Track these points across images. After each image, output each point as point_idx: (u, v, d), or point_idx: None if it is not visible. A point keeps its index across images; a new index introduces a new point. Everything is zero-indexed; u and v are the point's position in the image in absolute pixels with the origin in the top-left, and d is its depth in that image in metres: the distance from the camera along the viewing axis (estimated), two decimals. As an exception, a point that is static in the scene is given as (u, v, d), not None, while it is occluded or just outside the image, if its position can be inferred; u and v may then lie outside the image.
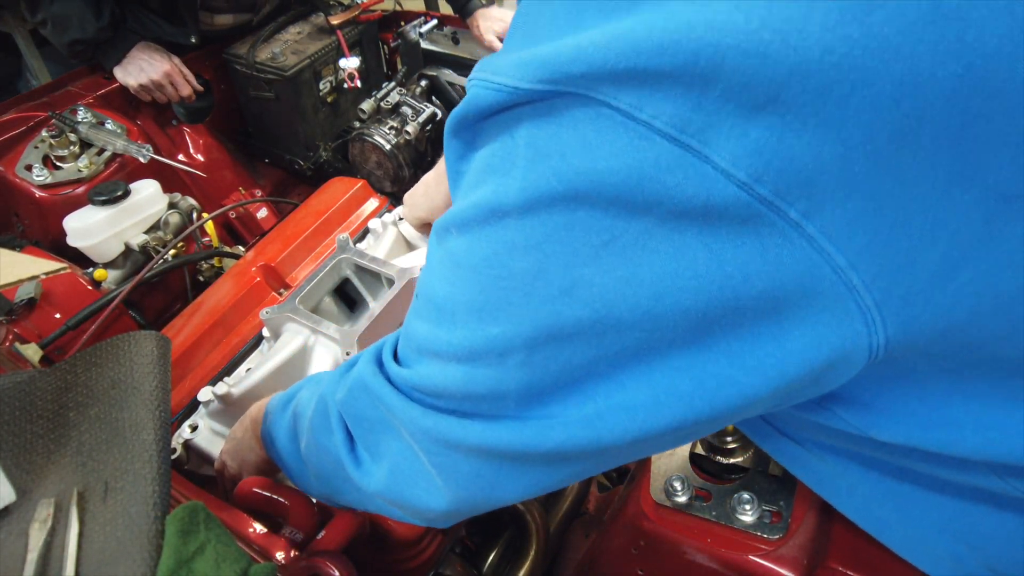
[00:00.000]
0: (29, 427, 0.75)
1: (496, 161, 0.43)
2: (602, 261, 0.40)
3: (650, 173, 0.37)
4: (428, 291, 0.50)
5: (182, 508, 0.64)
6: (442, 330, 0.48)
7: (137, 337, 0.82)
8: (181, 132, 1.73)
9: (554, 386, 0.45)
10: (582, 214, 0.39)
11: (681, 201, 0.37)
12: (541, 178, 0.40)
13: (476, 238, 0.44)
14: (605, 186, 0.38)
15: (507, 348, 0.44)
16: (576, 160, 0.38)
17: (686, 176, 0.36)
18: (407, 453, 0.56)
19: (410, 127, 1.60)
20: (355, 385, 0.59)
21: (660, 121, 0.36)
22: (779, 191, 0.35)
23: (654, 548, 0.81)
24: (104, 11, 1.47)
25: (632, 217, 0.38)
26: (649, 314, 0.40)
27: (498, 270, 0.43)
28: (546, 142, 0.39)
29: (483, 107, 0.42)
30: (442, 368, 0.49)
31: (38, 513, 0.67)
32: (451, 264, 0.47)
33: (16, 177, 1.38)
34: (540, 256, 0.41)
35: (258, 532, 0.74)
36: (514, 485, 0.52)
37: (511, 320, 0.44)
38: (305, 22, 1.75)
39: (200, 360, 1.09)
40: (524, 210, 0.41)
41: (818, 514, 0.76)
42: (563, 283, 0.41)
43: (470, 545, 1.04)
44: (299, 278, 1.22)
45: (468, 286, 0.46)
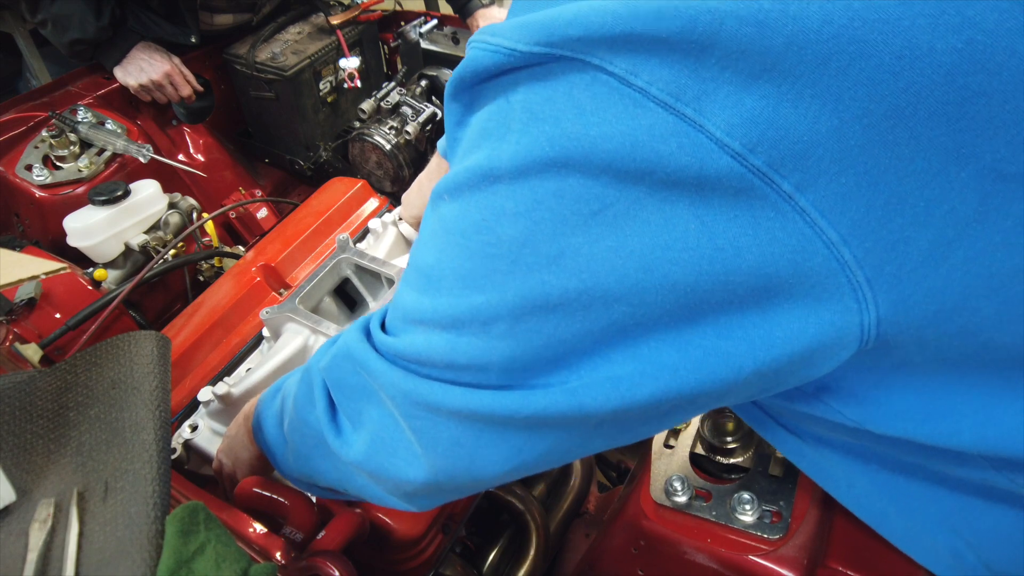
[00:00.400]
0: (29, 427, 0.75)
1: (491, 125, 0.42)
2: (591, 230, 0.39)
3: (644, 141, 0.36)
4: (417, 259, 0.49)
5: (182, 508, 0.63)
6: (427, 297, 0.47)
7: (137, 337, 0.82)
8: (181, 132, 1.73)
9: (538, 359, 0.44)
10: (573, 181, 0.39)
11: (674, 171, 0.36)
12: (534, 142, 0.39)
13: (467, 203, 0.44)
14: (597, 152, 0.37)
15: (491, 317, 0.44)
16: (570, 125, 0.38)
17: (680, 145, 0.36)
18: (387, 420, 0.55)
19: (410, 127, 1.60)
20: (339, 352, 0.59)
21: (656, 88, 0.36)
22: (773, 162, 0.35)
23: (654, 548, 0.81)
24: (104, 11, 1.47)
25: (624, 186, 0.38)
26: (637, 286, 0.40)
27: (486, 236, 0.43)
28: (541, 106, 0.39)
29: (480, 69, 0.42)
30: (426, 336, 0.48)
31: (38, 513, 0.67)
32: (441, 231, 0.46)
33: (16, 177, 1.38)
34: (529, 223, 0.41)
35: (258, 532, 0.74)
36: (494, 455, 0.50)
37: (496, 288, 0.43)
38: (305, 22, 1.75)
39: (200, 360, 1.09)
40: (516, 175, 0.40)
41: (818, 514, 0.76)
42: (551, 252, 0.41)
43: (470, 545, 1.04)
44: (299, 278, 1.22)
45: (456, 253, 0.45)
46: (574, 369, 0.44)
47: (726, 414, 0.82)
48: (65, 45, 1.49)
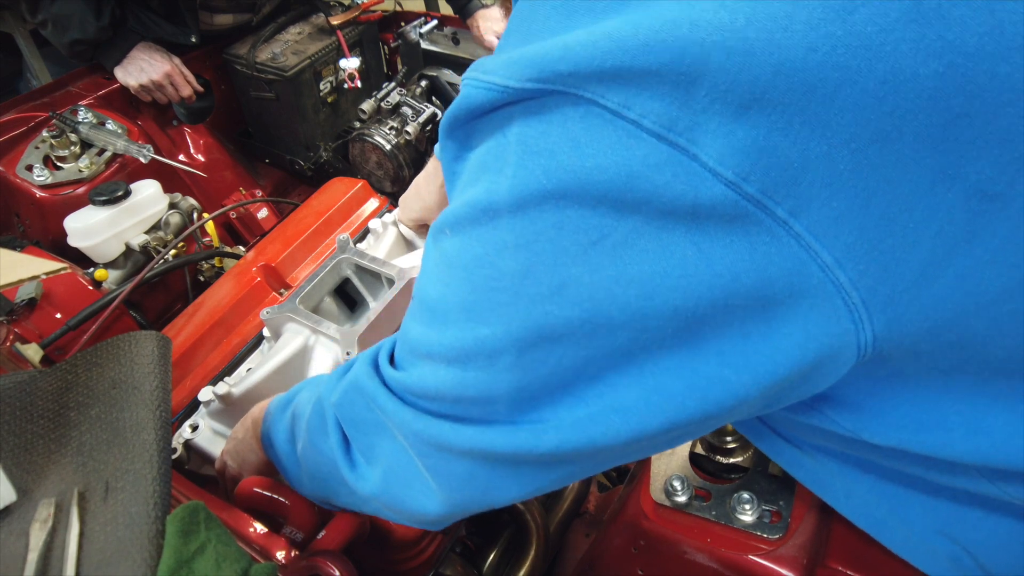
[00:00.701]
0: (30, 427, 0.75)
1: (489, 159, 0.43)
2: (591, 260, 0.40)
3: (639, 171, 0.37)
4: (422, 293, 0.50)
5: (182, 508, 0.64)
6: (434, 331, 0.48)
7: (138, 337, 0.82)
8: (182, 132, 1.73)
9: (544, 389, 0.45)
10: (571, 213, 0.39)
11: (670, 199, 0.37)
12: (531, 176, 0.40)
13: (468, 238, 0.44)
14: (594, 184, 0.38)
15: (497, 349, 0.44)
16: (565, 158, 0.38)
17: (675, 175, 0.36)
18: (401, 456, 0.56)
19: (410, 127, 1.60)
20: (350, 387, 0.59)
21: (648, 120, 0.36)
22: (766, 189, 0.35)
23: (654, 548, 0.81)
24: (104, 11, 1.47)
25: (621, 216, 0.38)
26: (639, 313, 0.40)
27: (488, 270, 0.43)
28: (536, 140, 0.40)
29: (474, 106, 0.43)
30: (434, 370, 0.49)
31: (38, 513, 0.67)
32: (444, 265, 0.47)
33: (17, 177, 1.38)
34: (529, 255, 0.41)
35: (258, 532, 0.74)
36: (509, 486, 0.51)
37: (501, 321, 0.44)
38: (305, 22, 1.75)
39: (201, 360, 1.09)
40: (514, 209, 0.41)
41: (818, 514, 0.76)
42: (552, 283, 0.41)
43: (470, 545, 1.05)
44: (299, 278, 1.22)
45: (459, 286, 0.46)
46: (580, 397, 0.45)
47: (726, 414, 0.82)
48: (65, 45, 1.49)
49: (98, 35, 1.48)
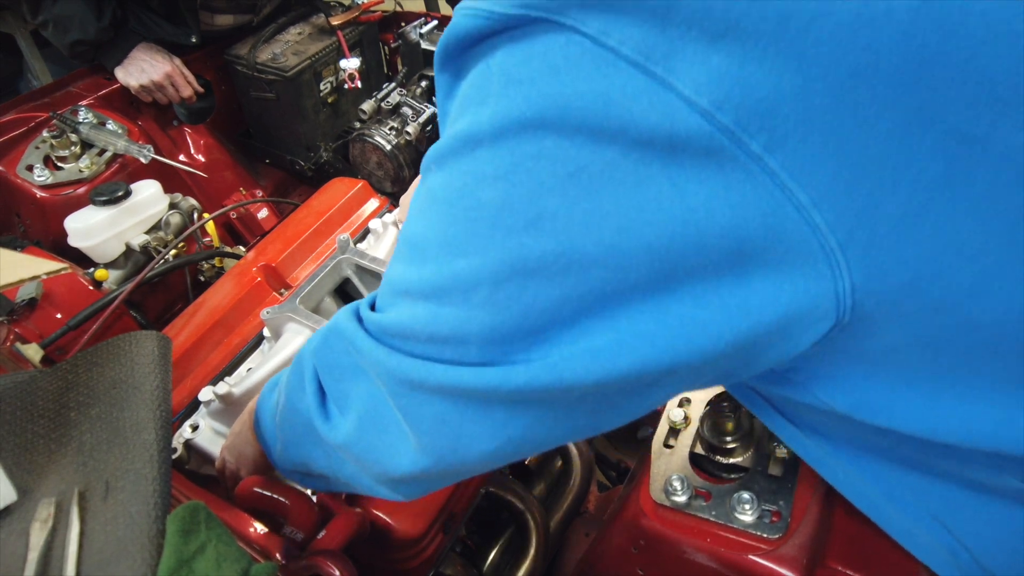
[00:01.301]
0: (30, 427, 0.75)
1: (473, 91, 0.43)
2: (568, 192, 0.40)
3: (616, 99, 0.37)
4: (406, 232, 0.50)
5: (183, 508, 0.64)
6: (413, 268, 0.48)
7: (138, 337, 0.82)
8: (182, 133, 1.73)
9: (517, 330, 0.44)
10: (549, 143, 0.39)
11: (646, 130, 0.37)
12: (511, 104, 0.40)
13: (451, 171, 0.45)
14: (572, 112, 0.38)
15: (472, 283, 0.44)
16: (545, 85, 0.39)
17: (651, 104, 0.36)
18: (376, 401, 0.55)
19: (410, 128, 1.60)
20: (329, 333, 0.59)
21: (627, 47, 0.36)
22: (740, 121, 0.35)
23: (654, 548, 0.81)
24: (105, 12, 1.47)
25: (598, 147, 0.38)
26: (613, 249, 0.40)
27: (467, 201, 0.43)
28: (518, 68, 0.40)
29: (462, 35, 0.43)
30: (411, 308, 0.49)
31: (39, 513, 0.67)
32: (428, 201, 0.47)
33: (17, 177, 1.38)
34: (507, 186, 0.41)
35: (258, 532, 0.74)
36: (479, 432, 0.50)
37: (477, 253, 0.44)
38: (306, 23, 1.75)
39: (201, 360, 1.09)
40: (494, 138, 0.41)
41: (818, 514, 0.76)
42: (528, 214, 0.41)
43: (470, 545, 1.05)
44: (300, 278, 1.22)
45: (440, 220, 0.46)
46: (554, 343, 0.44)
47: (726, 414, 0.82)
48: (66, 46, 1.49)
49: (99, 36, 1.48)
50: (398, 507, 0.83)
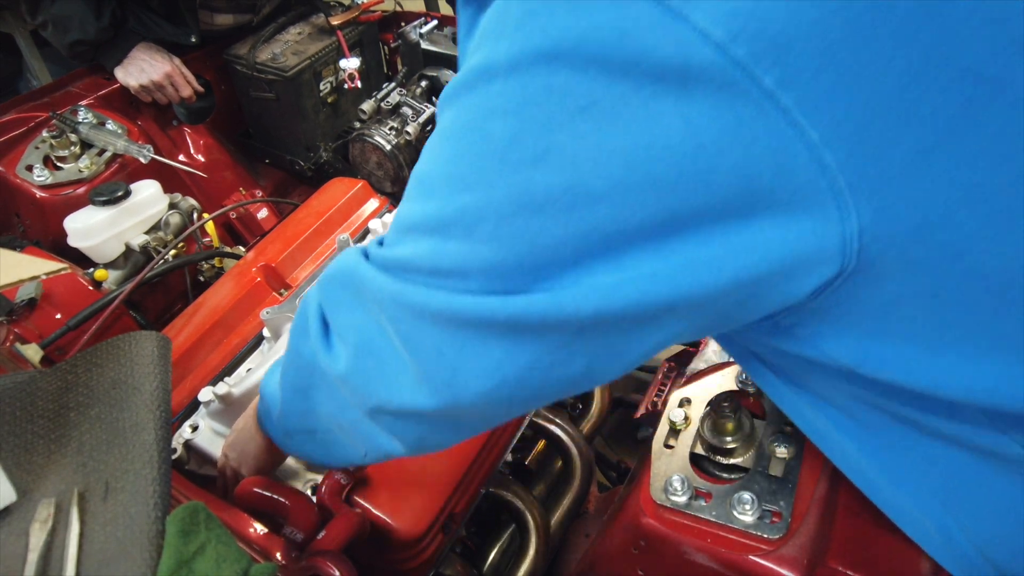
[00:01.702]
0: (30, 427, 0.75)
1: (492, 24, 0.43)
2: (578, 126, 0.39)
3: (631, 31, 0.37)
4: (416, 171, 0.50)
5: (183, 508, 0.64)
6: (419, 203, 0.48)
7: (138, 337, 0.82)
8: (182, 133, 1.73)
9: (520, 266, 0.44)
10: (562, 76, 0.39)
11: (659, 62, 0.36)
12: (528, 36, 0.40)
13: (463, 105, 0.44)
14: (587, 43, 0.37)
15: (477, 217, 0.44)
16: (561, 17, 0.38)
17: (665, 35, 0.36)
18: (378, 327, 0.55)
19: (410, 127, 1.60)
20: (335, 270, 0.59)
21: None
22: (755, 54, 0.35)
23: (654, 548, 0.81)
24: (105, 12, 1.47)
25: (611, 81, 0.38)
26: (620, 185, 0.40)
27: (476, 134, 0.43)
28: (536, 2, 0.39)
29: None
30: (415, 242, 0.49)
31: (39, 513, 0.67)
32: (439, 137, 0.47)
33: (17, 177, 1.38)
34: (517, 120, 0.41)
35: (258, 532, 0.74)
36: (476, 366, 0.49)
37: (483, 187, 0.43)
38: (306, 23, 1.75)
39: (201, 360, 1.09)
40: (509, 71, 0.41)
41: (818, 514, 0.76)
42: (537, 149, 0.41)
43: (470, 545, 1.05)
44: (300, 278, 1.22)
45: (448, 155, 0.46)
46: (556, 280, 0.44)
47: (726, 414, 0.82)
48: (66, 46, 1.49)
49: (99, 36, 1.48)
50: (398, 508, 0.83)
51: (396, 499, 0.83)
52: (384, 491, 0.84)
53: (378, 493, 0.84)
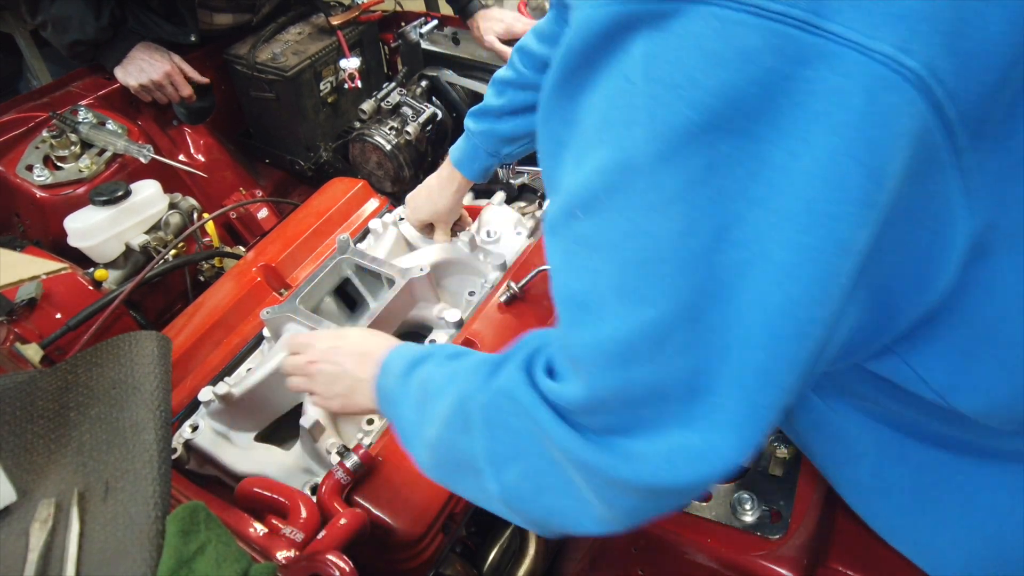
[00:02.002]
0: (30, 427, 0.75)
1: (614, 112, 0.37)
2: (750, 192, 0.35)
3: (788, 71, 0.32)
4: (566, 291, 0.44)
5: (183, 508, 0.64)
6: (587, 330, 0.42)
7: (138, 337, 0.82)
8: (182, 132, 1.73)
9: (722, 368, 0.39)
10: (725, 147, 0.34)
11: (824, 94, 0.33)
12: (671, 113, 0.34)
13: (607, 212, 0.39)
14: (745, 100, 0.33)
15: (666, 329, 0.39)
16: (705, 79, 0.33)
17: (831, 68, 0.32)
18: (552, 468, 0.50)
19: (410, 127, 1.60)
20: (501, 395, 0.53)
21: (798, 7, 0.32)
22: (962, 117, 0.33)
23: (654, 548, 0.81)
24: (104, 11, 1.47)
25: (781, 136, 0.33)
26: (805, 247, 0.36)
27: (639, 240, 0.38)
28: (669, 69, 0.34)
29: (596, 30, 0.36)
30: (594, 376, 0.43)
31: (39, 513, 0.67)
32: (585, 250, 0.41)
33: (17, 177, 1.38)
34: (684, 208, 0.36)
35: (258, 532, 0.74)
36: (675, 505, 0.47)
37: (665, 293, 0.38)
38: (306, 23, 1.75)
39: (201, 360, 1.09)
40: (657, 160, 0.35)
41: (818, 514, 0.76)
42: (717, 229, 0.36)
43: (470, 545, 1.04)
44: (300, 278, 1.22)
45: (608, 269, 0.40)
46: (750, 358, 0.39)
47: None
48: (65, 46, 1.49)
49: (98, 35, 1.48)
50: (398, 508, 0.83)
51: (396, 499, 0.83)
52: (384, 491, 0.84)
53: (378, 493, 0.84)
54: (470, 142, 1.09)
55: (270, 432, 1.04)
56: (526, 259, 1.15)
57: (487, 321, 1.05)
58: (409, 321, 1.11)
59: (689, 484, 0.42)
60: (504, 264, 1.14)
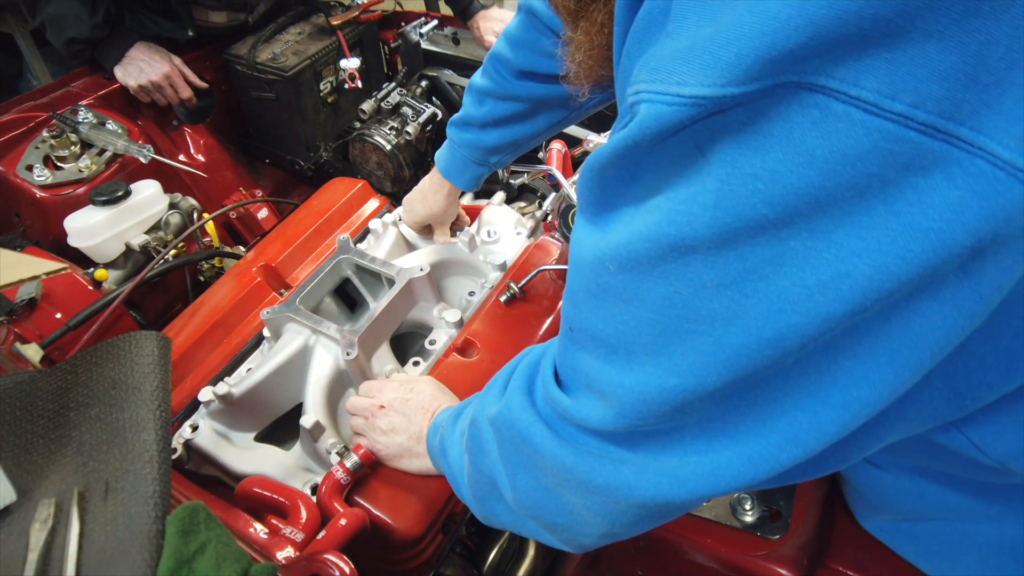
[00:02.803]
0: (30, 427, 0.75)
1: (680, 182, 0.34)
2: (816, 302, 0.32)
3: (893, 177, 0.28)
4: (589, 327, 0.43)
5: (183, 508, 0.64)
6: (614, 370, 0.41)
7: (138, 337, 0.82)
8: (182, 132, 1.73)
9: (735, 422, 0.39)
10: (797, 243, 0.31)
11: (935, 208, 0.29)
12: (744, 203, 0.31)
13: (648, 275, 0.37)
14: (833, 204, 0.29)
15: (688, 401, 0.38)
16: (791, 176, 0.30)
17: (948, 177, 0.28)
18: (557, 497, 0.52)
19: (410, 127, 1.60)
20: (503, 416, 0.54)
21: (923, 109, 0.27)
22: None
23: (654, 548, 0.81)
24: (99, 9, 1.47)
25: (867, 244, 0.30)
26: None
27: (682, 310, 0.36)
28: (750, 159, 0.31)
29: (666, 127, 0.32)
30: (605, 407, 0.43)
31: (39, 513, 0.67)
32: (615, 300, 0.40)
33: (17, 177, 1.38)
34: (738, 297, 0.34)
35: (258, 532, 0.74)
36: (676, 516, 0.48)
37: (695, 370, 0.37)
38: (306, 22, 1.75)
39: (201, 360, 1.09)
40: (718, 243, 0.33)
41: (818, 514, 0.76)
42: (765, 332, 0.34)
43: (470, 545, 1.04)
44: (299, 278, 1.22)
45: (642, 327, 0.38)
46: (778, 421, 0.38)
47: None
48: (62, 45, 1.49)
49: (93, 33, 1.48)
50: (398, 508, 0.83)
51: (396, 499, 0.83)
52: (384, 491, 0.84)
53: (378, 493, 0.84)
54: (456, 153, 1.06)
55: (270, 432, 1.04)
56: (526, 259, 1.15)
57: (487, 321, 1.05)
58: (409, 321, 1.11)
59: (686, 502, 0.43)
60: (504, 264, 1.14)
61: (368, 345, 1.01)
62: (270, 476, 0.89)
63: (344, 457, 0.83)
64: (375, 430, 0.84)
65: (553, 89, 0.93)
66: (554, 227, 1.20)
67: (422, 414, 0.82)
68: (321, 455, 0.90)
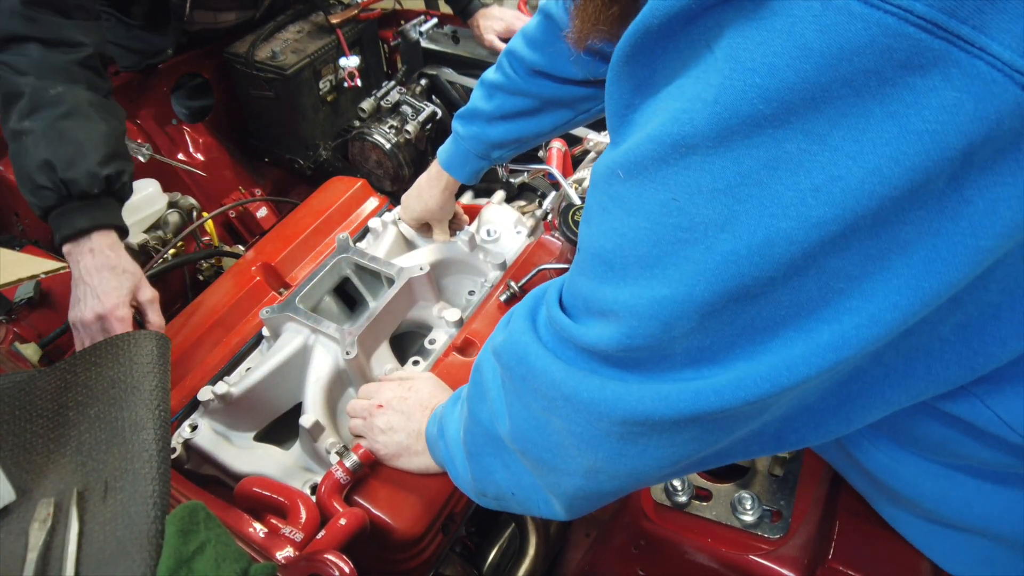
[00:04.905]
0: (29, 426, 0.75)
1: (687, 82, 0.34)
2: (808, 207, 0.32)
3: (891, 76, 0.28)
4: (593, 244, 0.43)
5: (182, 508, 0.63)
6: (608, 286, 0.42)
7: (137, 336, 0.82)
8: (181, 131, 1.73)
9: (725, 347, 0.39)
10: (792, 146, 0.31)
11: (931, 110, 0.29)
12: (742, 99, 0.31)
13: (651, 181, 0.37)
14: (829, 102, 0.29)
15: (675, 314, 0.38)
16: (787, 70, 0.30)
17: (946, 78, 0.28)
18: (546, 426, 0.52)
19: (410, 126, 1.60)
20: (505, 342, 0.55)
21: (923, 4, 0.27)
22: None
23: (654, 548, 0.81)
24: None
25: (861, 146, 0.30)
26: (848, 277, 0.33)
27: (676, 219, 0.36)
28: (751, 52, 0.31)
29: (675, 10, 0.33)
30: (603, 327, 0.43)
31: (38, 513, 0.66)
32: (619, 212, 0.40)
33: (16, 176, 1.38)
34: (731, 202, 0.33)
35: (258, 532, 0.74)
36: (660, 456, 0.46)
37: (684, 280, 0.37)
38: (305, 21, 1.75)
39: (200, 359, 1.09)
40: (716, 142, 0.33)
41: (819, 514, 0.76)
42: (755, 239, 0.33)
43: (470, 545, 1.04)
44: (299, 277, 1.22)
45: (640, 237, 0.39)
46: (764, 350, 0.38)
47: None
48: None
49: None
50: (398, 507, 0.83)
51: (396, 499, 0.83)
52: (384, 491, 0.84)
53: (378, 493, 0.84)
54: (459, 146, 1.08)
55: (269, 432, 1.04)
56: (526, 258, 1.15)
57: (487, 320, 1.04)
58: (409, 320, 1.11)
59: (671, 418, 0.42)
60: (504, 263, 1.14)
61: (368, 344, 1.01)
62: (269, 476, 0.88)
63: (344, 457, 0.83)
64: (374, 429, 0.84)
65: (562, 89, 0.96)
66: (554, 226, 1.20)
67: (421, 411, 0.82)
68: (320, 455, 0.90)
